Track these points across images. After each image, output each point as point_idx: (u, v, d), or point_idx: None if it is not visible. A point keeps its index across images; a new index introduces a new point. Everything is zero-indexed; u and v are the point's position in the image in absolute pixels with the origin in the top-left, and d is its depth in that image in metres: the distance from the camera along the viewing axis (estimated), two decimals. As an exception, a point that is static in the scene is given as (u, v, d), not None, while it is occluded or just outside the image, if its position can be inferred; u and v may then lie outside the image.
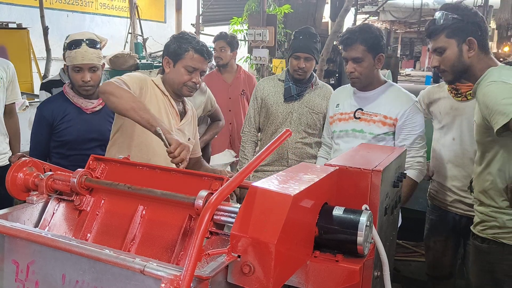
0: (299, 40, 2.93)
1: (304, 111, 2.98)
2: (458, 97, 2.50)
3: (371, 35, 2.37)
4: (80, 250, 1.02)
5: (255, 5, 10.04)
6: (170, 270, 0.91)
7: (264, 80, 3.21)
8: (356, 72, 2.39)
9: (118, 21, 11.45)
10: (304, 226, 1.11)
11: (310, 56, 2.90)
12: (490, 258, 2.01)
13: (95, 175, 1.48)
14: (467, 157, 2.45)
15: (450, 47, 1.99)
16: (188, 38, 2.30)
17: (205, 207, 0.96)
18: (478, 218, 2.03)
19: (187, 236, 1.29)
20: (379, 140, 2.42)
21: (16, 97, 3.29)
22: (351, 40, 2.37)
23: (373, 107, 2.46)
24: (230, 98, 4.24)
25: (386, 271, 1.28)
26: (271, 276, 0.96)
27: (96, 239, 1.38)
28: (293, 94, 2.97)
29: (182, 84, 2.29)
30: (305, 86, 2.99)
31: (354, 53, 2.37)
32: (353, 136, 2.47)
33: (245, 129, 3.21)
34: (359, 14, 14.34)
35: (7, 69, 3.19)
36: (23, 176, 1.41)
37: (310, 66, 2.94)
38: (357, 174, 1.32)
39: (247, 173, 1.04)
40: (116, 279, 1.02)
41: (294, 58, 2.92)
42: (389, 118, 2.41)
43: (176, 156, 1.82)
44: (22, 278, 1.16)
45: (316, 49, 2.95)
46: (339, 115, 2.57)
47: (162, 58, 2.35)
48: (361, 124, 2.46)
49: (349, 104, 2.54)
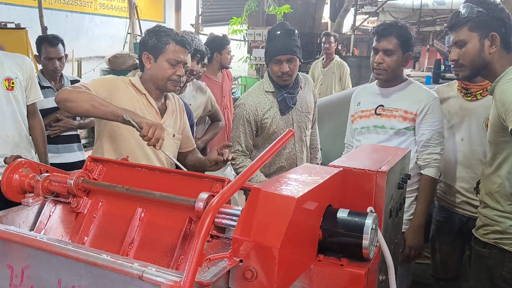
0: (276, 41, 2.58)
1: (301, 117, 2.78)
2: (468, 96, 2.47)
3: (406, 32, 2.37)
4: (76, 254, 0.99)
5: (254, 5, 10.02)
6: (170, 275, 0.88)
7: (248, 97, 2.72)
8: (384, 64, 2.37)
9: (117, 21, 11.41)
10: (308, 229, 1.08)
11: (292, 57, 2.58)
12: (490, 263, 1.97)
13: (93, 177, 1.45)
14: (475, 158, 2.42)
15: (472, 41, 1.93)
16: (166, 30, 2.23)
17: (206, 210, 0.93)
18: (481, 221, 2.00)
19: (187, 240, 1.26)
20: (400, 135, 2.40)
21: (37, 95, 3.01)
22: (387, 31, 2.36)
23: (394, 102, 2.44)
24: (224, 96, 4.26)
25: (392, 275, 1.25)
26: (274, 281, 0.92)
27: (94, 242, 1.35)
28: (289, 105, 2.68)
29: (166, 79, 2.20)
30: (296, 91, 2.73)
31: (386, 45, 2.36)
32: (375, 132, 2.45)
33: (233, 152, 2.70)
34: (358, 14, 14.31)
35: (23, 66, 2.92)
36: (19, 177, 1.38)
37: (294, 67, 2.62)
38: (362, 175, 1.28)
39: (249, 175, 1.01)
40: (113, 285, 0.99)
41: (275, 63, 2.59)
42: (409, 113, 2.39)
43: (151, 138, 1.78)
44: (16, 283, 1.12)
45: (297, 46, 2.60)
46: (360, 113, 2.54)
47: (139, 56, 2.26)
48: (382, 120, 2.44)
49: (370, 101, 2.51)
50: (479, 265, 2.04)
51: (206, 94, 3.29)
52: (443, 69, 5.09)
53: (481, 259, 2.01)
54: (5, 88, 2.79)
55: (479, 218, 2.02)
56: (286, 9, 10.31)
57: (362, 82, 6.37)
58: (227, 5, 12.54)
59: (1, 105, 2.78)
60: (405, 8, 15.13)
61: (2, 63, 2.82)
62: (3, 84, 2.78)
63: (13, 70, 2.85)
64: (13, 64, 2.87)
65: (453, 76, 2.54)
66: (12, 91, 2.82)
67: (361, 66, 9.99)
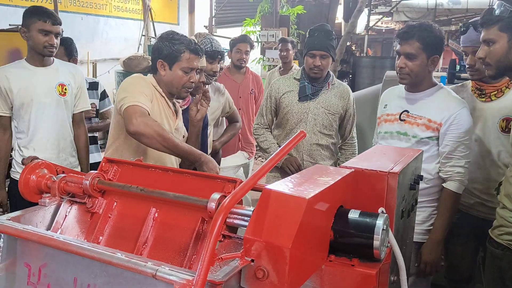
0: (314, 38, 2.89)
1: (320, 111, 2.93)
2: (482, 97, 2.44)
3: (429, 34, 2.27)
4: (92, 253, 1.01)
5: (268, 6, 10.03)
6: (183, 274, 0.89)
7: (280, 79, 3.16)
8: (406, 68, 2.29)
9: (131, 23, 11.52)
10: (319, 230, 1.09)
11: (325, 54, 2.85)
12: (502, 265, 1.95)
13: (108, 177, 1.47)
14: (489, 159, 2.40)
15: (500, 41, 1.87)
16: (180, 38, 2.28)
17: (218, 210, 0.95)
18: (498, 222, 1.98)
19: (200, 240, 1.28)
20: (423, 144, 2.30)
21: (85, 105, 3.13)
22: (408, 35, 2.28)
23: (419, 109, 2.35)
24: (240, 97, 4.31)
25: (403, 275, 1.25)
26: (285, 281, 0.93)
27: (108, 241, 1.37)
28: (308, 93, 2.92)
29: (181, 87, 2.29)
30: (321, 85, 2.95)
31: (408, 49, 2.28)
32: (398, 139, 2.38)
33: (256, 124, 3.17)
34: (372, 14, 14.24)
35: (75, 74, 3.05)
36: (36, 178, 1.40)
37: (326, 64, 2.89)
38: (373, 176, 1.29)
39: (261, 176, 1.02)
40: (128, 283, 1.01)
41: (310, 56, 2.88)
42: (433, 122, 2.29)
43: None
44: (34, 281, 1.15)
45: (332, 46, 2.89)
46: (385, 116, 2.47)
47: (153, 60, 2.32)
48: (405, 126, 2.36)
49: (396, 105, 2.44)
50: (492, 266, 2.03)
51: (224, 96, 3.32)
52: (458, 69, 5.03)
53: (494, 259, 2.00)
54: (58, 93, 2.91)
55: (497, 218, 2.01)
56: (299, 10, 10.29)
57: (376, 83, 6.32)
58: (241, 7, 12.57)
59: (53, 109, 2.90)
60: (419, 8, 14.99)
61: (57, 69, 2.95)
62: (57, 89, 2.91)
63: (66, 77, 2.98)
64: (67, 71, 3.00)
65: (468, 76, 2.53)
66: (64, 96, 2.95)
67: (374, 66, 9.94)
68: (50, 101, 2.88)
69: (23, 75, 2.85)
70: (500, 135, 2.36)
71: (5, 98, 2.83)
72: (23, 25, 2.83)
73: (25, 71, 2.87)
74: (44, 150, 2.87)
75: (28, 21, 2.81)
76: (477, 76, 2.42)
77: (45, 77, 2.89)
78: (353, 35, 8.83)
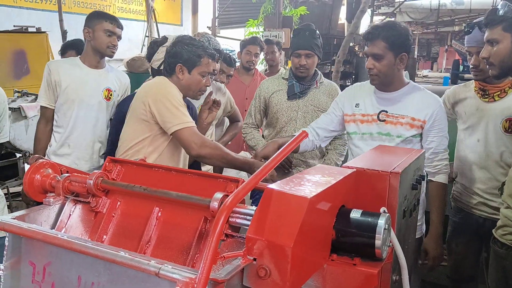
0: (298, 38, 2.93)
1: (309, 109, 2.96)
2: (485, 97, 2.44)
3: (394, 33, 2.25)
4: (96, 252, 1.02)
5: (271, 7, 10.04)
6: (185, 273, 0.90)
7: (268, 79, 3.22)
8: (375, 69, 2.29)
9: (135, 24, 11.56)
10: (321, 229, 1.10)
11: (310, 53, 2.90)
12: (506, 264, 1.95)
13: (111, 177, 1.48)
14: (492, 159, 2.40)
15: (504, 41, 1.87)
16: (198, 43, 2.36)
17: (220, 209, 0.95)
18: (501, 221, 1.98)
19: (203, 239, 1.29)
20: (407, 143, 2.32)
21: None
22: (373, 35, 2.26)
23: (399, 108, 2.34)
24: (247, 98, 4.31)
25: (405, 275, 1.25)
26: (287, 279, 0.94)
27: (112, 240, 1.38)
28: (296, 92, 2.97)
29: (198, 90, 2.37)
30: (308, 84, 2.98)
31: (374, 49, 2.26)
32: (379, 140, 2.35)
33: (244, 124, 3.24)
34: (375, 15, 14.24)
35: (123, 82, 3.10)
36: (40, 177, 1.41)
37: (312, 62, 2.93)
38: (375, 176, 1.29)
39: (263, 175, 1.03)
40: (131, 281, 1.02)
41: (295, 56, 2.92)
42: (417, 120, 2.30)
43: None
44: (38, 279, 1.16)
45: (316, 45, 2.93)
46: (360, 116, 2.42)
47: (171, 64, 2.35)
48: (387, 126, 2.34)
49: (371, 105, 2.41)
50: (496, 265, 2.03)
51: (225, 95, 3.33)
52: (461, 70, 5.03)
53: (498, 259, 2.00)
54: (104, 96, 2.99)
55: (500, 218, 2.01)
56: (302, 10, 10.30)
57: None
58: (244, 8, 12.60)
59: (95, 111, 2.96)
60: (422, 9, 14.98)
61: (108, 74, 3.02)
62: (103, 92, 2.98)
63: (114, 83, 3.04)
64: (115, 78, 3.07)
65: (471, 76, 2.53)
66: (109, 101, 3.01)
67: (377, 67, 9.92)
68: (94, 103, 2.95)
69: (75, 72, 2.94)
70: (503, 135, 2.36)
71: (53, 91, 2.93)
72: (88, 25, 2.97)
73: (78, 69, 2.96)
74: (79, 148, 2.95)
75: (94, 22, 2.95)
76: (481, 77, 2.42)
77: (95, 79, 2.97)
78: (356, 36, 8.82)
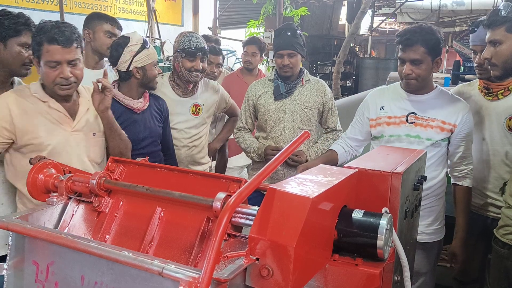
0: (279, 38, 2.93)
1: (296, 108, 2.96)
2: (489, 96, 2.44)
3: (432, 37, 2.23)
4: (99, 251, 1.02)
5: (271, 8, 10.05)
6: (189, 272, 0.90)
7: (255, 82, 3.22)
8: (413, 74, 2.26)
9: (136, 25, 11.55)
10: (323, 229, 1.10)
11: (293, 52, 2.89)
12: (508, 264, 1.96)
13: (114, 177, 1.49)
14: (497, 158, 2.39)
15: (507, 42, 1.88)
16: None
17: (223, 209, 0.96)
18: (503, 221, 1.99)
19: (205, 238, 1.29)
20: (435, 146, 2.32)
21: None
22: (412, 41, 2.23)
23: (429, 111, 2.33)
24: None
25: (407, 275, 1.26)
26: (289, 279, 0.94)
27: (115, 240, 1.39)
28: (282, 92, 2.97)
29: (52, 84, 1.99)
30: (294, 83, 2.98)
31: (413, 55, 2.23)
32: (408, 142, 2.34)
33: (235, 129, 3.21)
34: (376, 16, 14.23)
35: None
36: (43, 177, 1.42)
37: (295, 61, 2.92)
38: (377, 176, 1.30)
39: (266, 175, 1.03)
40: (134, 281, 1.02)
41: (278, 56, 2.93)
42: (447, 124, 2.29)
43: None
44: (42, 278, 1.17)
45: (298, 43, 2.92)
46: (386, 119, 2.40)
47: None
48: (416, 129, 2.33)
49: (399, 107, 2.39)
50: (497, 265, 2.03)
51: (219, 93, 3.29)
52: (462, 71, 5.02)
53: (500, 259, 2.00)
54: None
55: (502, 218, 2.01)
56: (303, 11, 10.31)
57: (379, 84, 6.32)
58: (244, 8, 12.61)
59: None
60: (423, 9, 14.98)
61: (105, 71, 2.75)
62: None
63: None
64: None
65: (471, 77, 2.53)
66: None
67: (378, 68, 9.94)
68: None
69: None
70: (507, 134, 2.35)
71: None
72: (88, 27, 2.95)
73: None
74: None
75: (95, 23, 2.95)
76: (486, 75, 2.41)
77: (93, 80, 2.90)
78: (356, 37, 8.83)
